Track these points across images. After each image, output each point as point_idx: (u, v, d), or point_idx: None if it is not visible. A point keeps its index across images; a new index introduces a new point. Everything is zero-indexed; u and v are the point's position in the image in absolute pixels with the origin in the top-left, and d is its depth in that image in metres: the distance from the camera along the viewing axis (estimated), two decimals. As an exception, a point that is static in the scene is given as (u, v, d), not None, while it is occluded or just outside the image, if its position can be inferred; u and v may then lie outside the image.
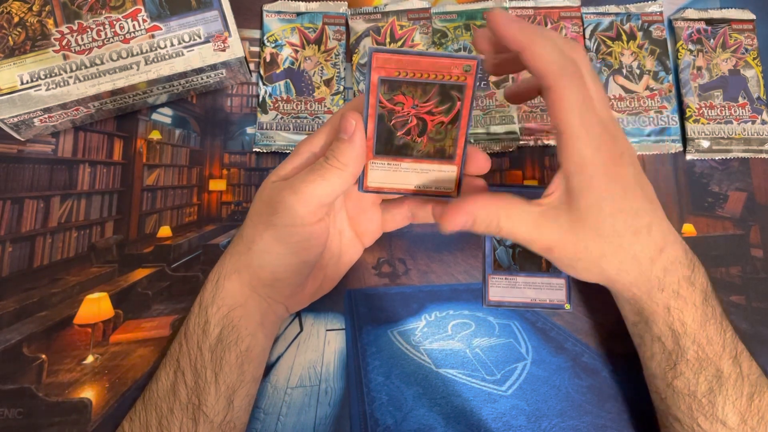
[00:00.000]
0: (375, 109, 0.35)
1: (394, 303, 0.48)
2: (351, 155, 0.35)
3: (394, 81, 0.33)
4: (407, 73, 0.33)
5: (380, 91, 0.34)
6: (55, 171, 0.51)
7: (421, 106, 0.34)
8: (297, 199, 0.35)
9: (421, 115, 0.35)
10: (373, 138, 0.36)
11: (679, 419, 0.37)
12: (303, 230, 0.36)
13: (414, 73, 0.33)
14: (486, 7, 0.56)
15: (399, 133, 0.35)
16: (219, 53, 0.49)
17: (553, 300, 0.48)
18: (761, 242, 0.51)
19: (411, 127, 0.35)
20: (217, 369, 0.37)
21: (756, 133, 0.53)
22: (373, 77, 0.33)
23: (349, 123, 0.34)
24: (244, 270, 0.38)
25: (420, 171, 0.37)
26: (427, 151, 0.36)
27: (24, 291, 0.47)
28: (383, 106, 0.34)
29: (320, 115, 0.52)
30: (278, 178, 0.37)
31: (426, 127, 0.35)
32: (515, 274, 0.49)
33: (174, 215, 0.51)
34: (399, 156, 0.36)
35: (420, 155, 0.36)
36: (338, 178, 0.35)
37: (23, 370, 0.45)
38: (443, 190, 0.38)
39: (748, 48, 0.55)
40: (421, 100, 0.34)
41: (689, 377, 0.36)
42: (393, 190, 0.38)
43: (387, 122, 0.35)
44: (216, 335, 0.37)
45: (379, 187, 0.38)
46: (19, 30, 0.48)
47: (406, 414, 0.44)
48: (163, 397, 0.37)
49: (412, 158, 0.36)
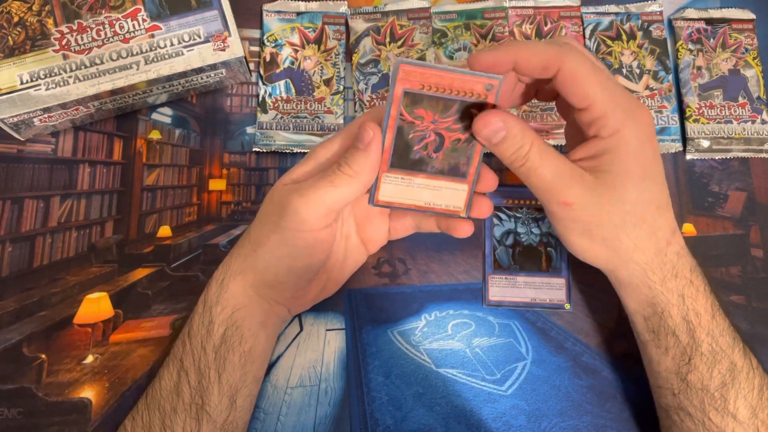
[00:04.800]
0: (395, 121, 0.35)
1: (394, 303, 0.48)
2: (364, 164, 0.34)
3: (417, 94, 0.33)
4: (430, 87, 0.33)
5: (402, 104, 0.34)
6: (55, 171, 0.51)
7: (440, 121, 0.35)
8: (305, 204, 0.35)
9: (439, 131, 0.35)
10: (389, 150, 0.36)
11: (691, 414, 0.36)
12: (310, 235, 0.36)
13: (437, 87, 0.33)
14: (486, 6, 0.56)
15: (416, 147, 0.35)
16: (219, 53, 0.49)
17: (553, 300, 0.48)
18: (761, 242, 0.51)
19: (428, 142, 0.35)
20: (220, 369, 0.37)
21: (756, 132, 0.53)
22: (397, 89, 0.33)
23: (367, 133, 0.34)
24: (248, 271, 0.38)
25: (432, 188, 0.38)
26: (441, 168, 0.36)
27: (24, 291, 0.47)
28: (404, 118, 0.34)
29: (320, 115, 0.52)
30: (290, 181, 0.37)
31: (443, 142, 0.35)
32: (515, 273, 0.49)
33: (174, 215, 0.51)
34: (413, 171, 0.36)
35: (434, 171, 0.36)
36: (348, 186, 0.35)
37: (23, 370, 0.45)
38: (452, 208, 0.39)
39: (748, 48, 0.55)
40: (441, 116, 0.34)
41: (703, 371, 0.36)
42: (403, 206, 0.38)
43: (405, 136, 0.35)
44: (220, 335, 0.37)
45: (390, 202, 0.38)
46: (19, 30, 0.48)
47: (406, 414, 0.44)
48: (166, 396, 0.37)
49: (426, 174, 0.37)
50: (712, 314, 0.36)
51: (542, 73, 0.34)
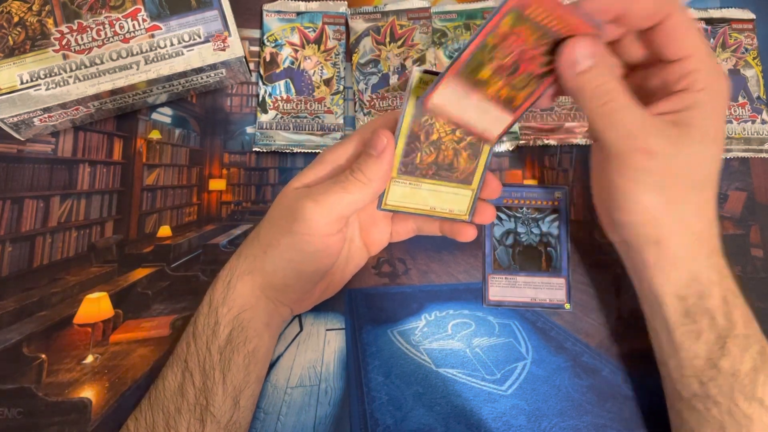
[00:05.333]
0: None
1: (394, 303, 0.48)
2: (377, 172, 0.34)
3: (524, 16, 0.30)
4: (539, 16, 0.30)
5: (507, 18, 0.29)
6: (54, 171, 0.51)
7: (528, 50, 0.31)
8: (317, 210, 0.35)
9: (524, 58, 0.31)
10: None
11: (718, 402, 0.34)
12: (320, 240, 0.36)
13: (545, 17, 0.30)
14: (486, 6, 0.56)
15: (491, 65, 0.31)
16: (219, 53, 0.49)
17: (553, 300, 0.48)
18: (761, 242, 0.51)
19: (502, 64, 0.31)
20: (225, 370, 0.37)
21: (756, 132, 0.53)
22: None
23: (381, 140, 0.34)
24: (257, 273, 0.38)
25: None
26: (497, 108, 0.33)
27: (24, 291, 0.47)
28: (499, 32, 0.30)
29: (320, 115, 0.52)
30: (301, 185, 0.37)
31: (516, 70, 0.32)
32: (515, 273, 0.49)
33: (174, 215, 0.51)
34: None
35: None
36: (360, 193, 0.35)
37: (23, 370, 0.45)
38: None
39: (748, 47, 0.55)
40: (535, 42, 0.31)
41: (736, 355, 0.34)
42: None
43: (488, 51, 0.30)
44: (226, 336, 0.37)
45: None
46: (19, 30, 0.48)
47: (406, 414, 0.44)
48: (170, 397, 0.37)
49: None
50: (740, 295, 0.35)
51: (646, 21, 0.32)
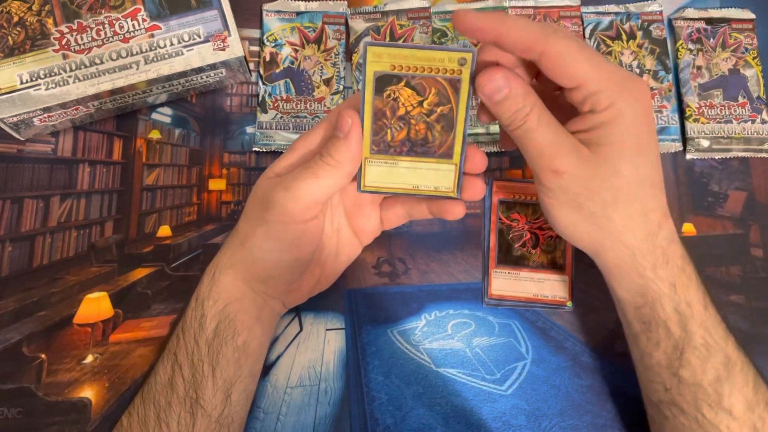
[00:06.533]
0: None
1: (393, 302, 0.48)
2: (346, 153, 0.34)
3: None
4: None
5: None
6: (54, 170, 0.51)
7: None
8: (289, 197, 0.35)
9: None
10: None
11: (684, 410, 0.35)
12: (296, 227, 0.36)
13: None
14: (486, 6, 0.56)
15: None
16: (219, 53, 0.49)
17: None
18: (761, 242, 0.51)
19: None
20: (214, 362, 0.37)
21: (756, 132, 0.53)
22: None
23: (346, 121, 0.34)
24: (238, 265, 0.38)
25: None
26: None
27: (23, 290, 0.47)
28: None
29: (320, 115, 0.52)
30: (273, 174, 0.37)
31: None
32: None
33: (174, 215, 0.51)
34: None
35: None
36: (332, 177, 0.35)
37: (23, 370, 0.45)
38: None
39: (748, 47, 0.55)
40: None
41: (696, 366, 0.34)
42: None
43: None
44: (212, 329, 0.37)
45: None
46: (19, 29, 0.48)
47: (406, 413, 0.44)
48: (160, 390, 0.37)
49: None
50: (704, 305, 0.35)
51: (524, 53, 0.32)
